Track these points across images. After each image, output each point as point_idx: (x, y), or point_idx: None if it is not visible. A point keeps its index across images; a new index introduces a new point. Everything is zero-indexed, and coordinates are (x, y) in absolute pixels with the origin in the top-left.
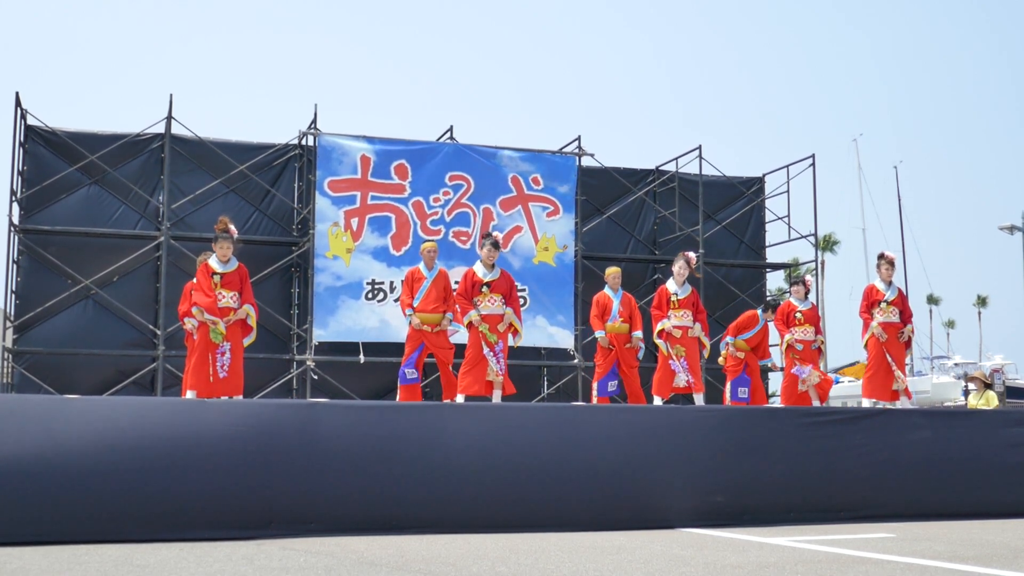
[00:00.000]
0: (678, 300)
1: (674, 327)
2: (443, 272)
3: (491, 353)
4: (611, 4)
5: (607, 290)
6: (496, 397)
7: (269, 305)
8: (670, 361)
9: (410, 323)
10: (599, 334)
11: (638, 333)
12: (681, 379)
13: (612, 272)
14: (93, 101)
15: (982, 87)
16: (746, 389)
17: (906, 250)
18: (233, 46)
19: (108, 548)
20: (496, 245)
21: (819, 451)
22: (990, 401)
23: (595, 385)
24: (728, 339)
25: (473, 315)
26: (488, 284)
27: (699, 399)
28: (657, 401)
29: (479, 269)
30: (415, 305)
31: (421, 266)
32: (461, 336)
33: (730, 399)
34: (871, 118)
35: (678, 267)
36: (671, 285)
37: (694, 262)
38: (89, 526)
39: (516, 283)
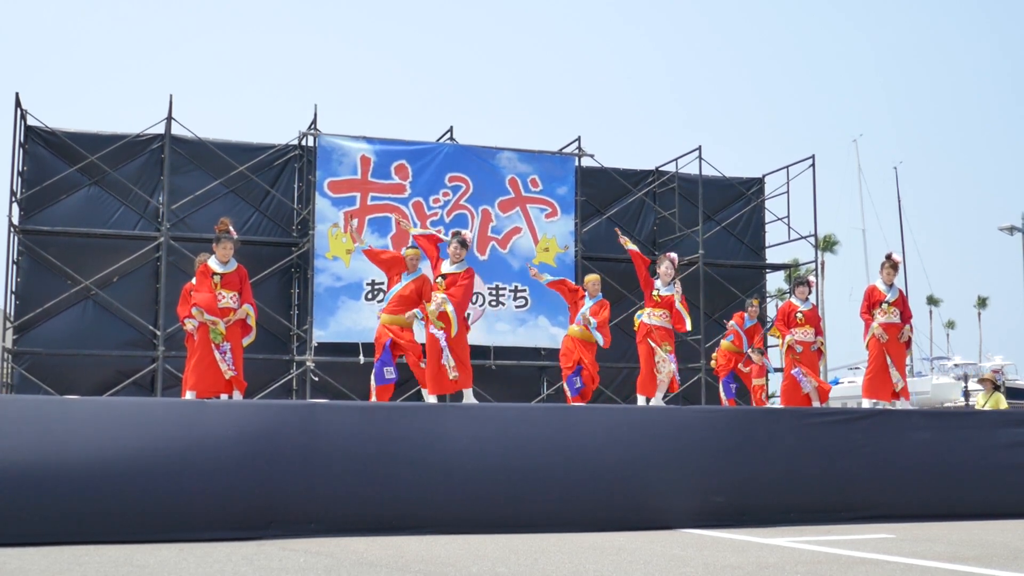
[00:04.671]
0: (660, 297)
1: (656, 327)
2: (424, 277)
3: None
4: (611, 4)
5: (586, 295)
6: (467, 397)
7: (269, 306)
8: (657, 359)
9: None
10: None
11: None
12: (662, 377)
13: (591, 279)
14: (93, 101)
15: (982, 87)
16: (735, 385)
17: (906, 250)
18: (233, 46)
19: (108, 548)
20: (463, 244)
21: (819, 451)
22: (999, 403)
23: (565, 384)
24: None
25: (417, 312)
26: (445, 276)
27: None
28: (640, 400)
29: (445, 266)
30: (384, 307)
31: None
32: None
33: (725, 397)
34: (871, 118)
35: (664, 268)
36: (658, 283)
37: (677, 262)
38: (89, 526)
39: (518, 284)
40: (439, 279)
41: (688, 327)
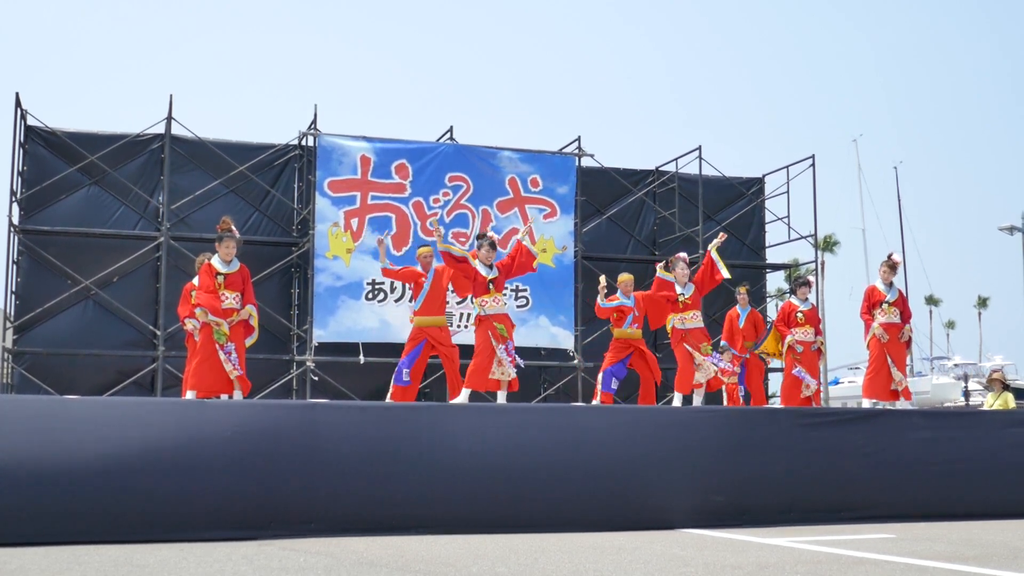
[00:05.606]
0: (686, 300)
1: (691, 330)
2: (439, 271)
3: (502, 349)
4: (611, 4)
5: (619, 295)
6: (501, 397)
7: (269, 305)
8: (697, 362)
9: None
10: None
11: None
12: (701, 377)
13: (624, 279)
14: (93, 101)
15: (982, 87)
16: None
17: (906, 250)
18: (233, 46)
19: (108, 548)
20: (493, 245)
21: (819, 451)
22: (1008, 403)
23: (600, 376)
24: (723, 343)
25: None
26: (492, 281)
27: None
28: (677, 398)
29: (481, 268)
30: (416, 309)
31: (418, 268)
32: (467, 336)
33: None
34: (871, 118)
35: (680, 269)
36: (678, 287)
37: (688, 259)
38: (89, 526)
39: (518, 284)
40: (490, 284)
41: (725, 274)
